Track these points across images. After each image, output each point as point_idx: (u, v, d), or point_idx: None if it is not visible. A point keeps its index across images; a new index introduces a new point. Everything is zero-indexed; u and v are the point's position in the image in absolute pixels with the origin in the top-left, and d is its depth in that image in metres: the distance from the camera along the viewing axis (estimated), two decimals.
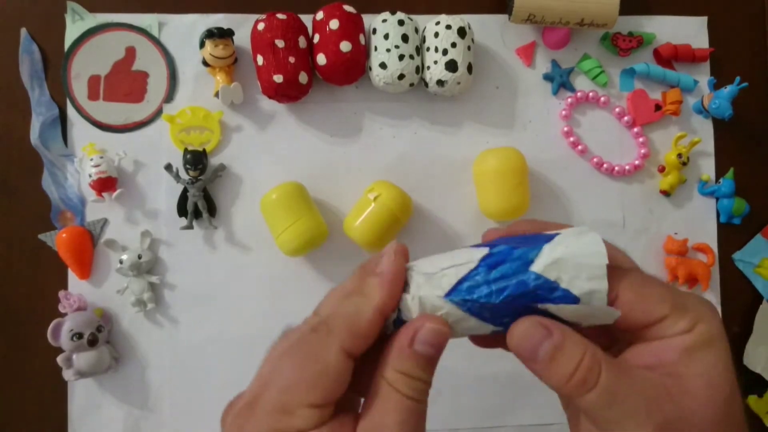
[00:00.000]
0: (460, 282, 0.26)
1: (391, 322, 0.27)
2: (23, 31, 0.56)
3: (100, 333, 0.53)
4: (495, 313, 0.25)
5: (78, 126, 0.56)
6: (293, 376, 0.25)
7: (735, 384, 0.25)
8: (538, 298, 0.25)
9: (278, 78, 0.52)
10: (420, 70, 0.55)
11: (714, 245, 0.60)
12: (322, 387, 0.25)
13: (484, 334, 0.27)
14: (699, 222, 0.60)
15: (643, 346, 0.26)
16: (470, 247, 0.27)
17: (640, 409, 0.24)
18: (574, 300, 0.25)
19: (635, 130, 0.59)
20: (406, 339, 0.26)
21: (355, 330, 0.25)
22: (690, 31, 0.61)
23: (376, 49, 0.54)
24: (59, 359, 0.52)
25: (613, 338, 0.29)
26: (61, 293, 0.54)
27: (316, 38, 0.54)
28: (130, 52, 0.57)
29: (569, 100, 0.59)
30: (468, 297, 0.25)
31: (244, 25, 0.56)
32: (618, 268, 0.26)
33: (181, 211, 0.55)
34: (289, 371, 0.25)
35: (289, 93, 0.54)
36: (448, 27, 0.54)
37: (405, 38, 0.54)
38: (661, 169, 0.59)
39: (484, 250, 0.26)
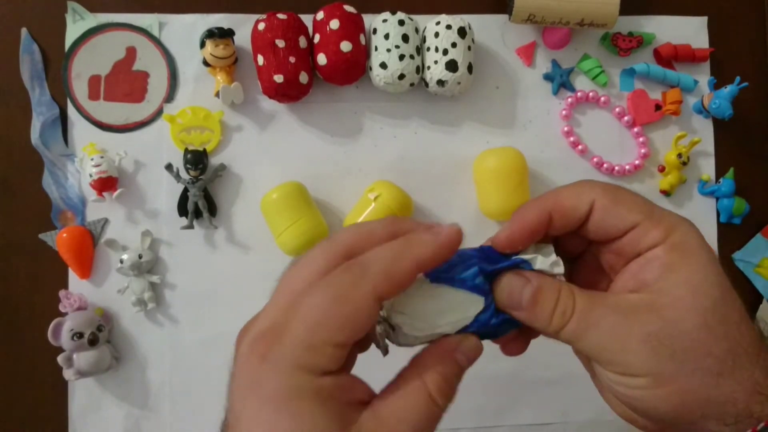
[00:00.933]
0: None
1: (378, 334, 0.28)
2: (24, 31, 0.56)
3: (101, 332, 0.53)
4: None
5: (78, 126, 0.56)
6: (322, 314, 0.24)
7: (725, 286, 0.26)
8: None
9: (279, 78, 0.52)
10: (420, 70, 0.55)
11: (714, 245, 0.60)
12: (350, 329, 0.24)
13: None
14: (699, 222, 0.59)
15: (625, 272, 0.27)
16: (461, 289, 0.27)
17: (618, 327, 0.25)
18: None
19: (635, 130, 0.59)
20: (452, 346, 0.27)
21: (391, 276, 0.25)
22: (690, 31, 0.61)
23: (376, 49, 0.54)
24: (59, 359, 0.52)
25: (599, 265, 0.30)
26: (62, 293, 0.54)
27: (317, 38, 0.54)
28: (131, 52, 0.57)
29: (569, 100, 0.59)
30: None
31: (244, 25, 0.56)
32: (595, 181, 0.29)
33: (182, 210, 0.55)
34: (318, 308, 0.24)
35: (289, 93, 0.54)
36: (449, 27, 0.54)
37: (405, 38, 0.54)
38: (661, 169, 0.59)
39: (479, 304, 0.27)
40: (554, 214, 0.29)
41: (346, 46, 0.52)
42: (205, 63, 0.55)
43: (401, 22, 0.54)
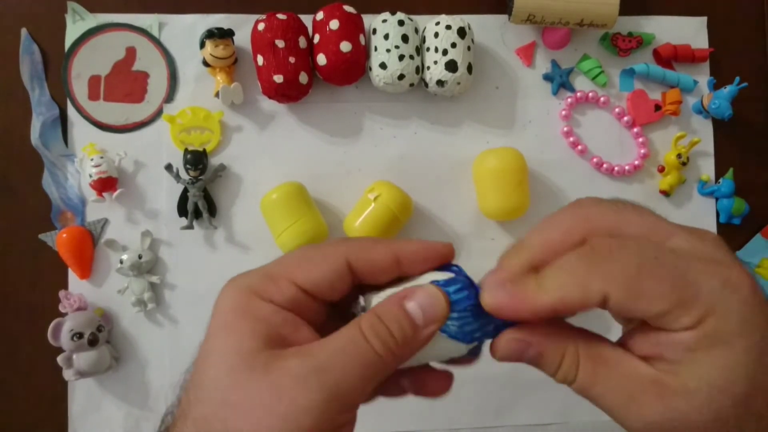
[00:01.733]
0: None
1: (359, 309, 0.27)
2: (23, 31, 0.56)
3: (101, 333, 0.53)
4: (464, 328, 0.25)
5: (78, 126, 0.56)
6: (292, 256, 0.26)
7: (757, 379, 0.21)
8: None
9: (278, 78, 0.52)
10: (420, 70, 0.55)
11: None
12: (312, 272, 0.25)
13: (458, 355, 0.26)
14: (699, 222, 0.60)
15: (646, 334, 0.24)
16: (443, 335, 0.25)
17: (620, 406, 0.23)
18: None
19: (635, 130, 0.59)
20: (401, 294, 0.25)
21: (365, 249, 0.26)
22: (689, 31, 0.61)
23: (376, 49, 0.54)
24: (59, 359, 0.52)
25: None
26: (62, 293, 0.54)
27: (317, 38, 0.54)
28: (131, 53, 0.57)
29: (569, 100, 0.59)
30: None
31: (244, 25, 0.56)
32: (607, 259, 0.23)
33: (182, 211, 0.55)
34: (293, 256, 0.27)
35: (289, 93, 0.54)
36: (448, 27, 0.54)
37: (405, 38, 0.54)
38: (661, 169, 0.59)
39: (462, 349, 0.25)
40: (559, 309, 0.24)
41: (345, 46, 0.52)
42: (205, 63, 0.55)
43: (401, 23, 0.54)
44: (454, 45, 0.53)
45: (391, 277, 0.27)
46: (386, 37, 0.54)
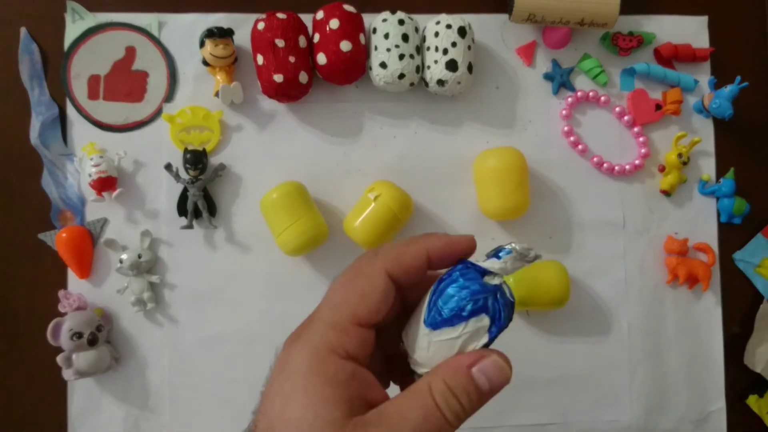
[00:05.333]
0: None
1: (402, 348, 0.29)
2: (23, 31, 0.56)
3: (100, 332, 0.53)
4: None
5: (78, 126, 0.56)
6: (342, 291, 0.27)
7: None
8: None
9: (278, 78, 0.52)
10: (420, 69, 0.55)
11: (714, 245, 0.60)
12: (366, 302, 0.26)
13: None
14: (699, 222, 0.60)
15: None
16: (461, 324, 0.27)
17: None
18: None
19: (635, 129, 0.59)
20: (468, 360, 0.26)
21: (399, 255, 0.27)
22: (690, 30, 0.61)
23: (376, 48, 0.54)
24: (59, 359, 0.52)
25: None
26: (61, 293, 0.54)
27: (316, 38, 0.54)
28: (130, 52, 0.57)
29: (569, 99, 0.59)
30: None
31: (244, 25, 0.56)
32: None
33: (181, 210, 0.55)
34: (339, 287, 0.28)
35: (289, 93, 0.54)
36: (449, 26, 0.53)
37: (405, 38, 0.54)
38: (662, 169, 0.59)
39: (485, 321, 0.27)
40: None
41: (345, 45, 0.52)
42: (205, 63, 0.55)
43: (401, 22, 0.54)
44: (454, 44, 0.53)
45: (423, 275, 0.28)
46: (386, 36, 0.53)
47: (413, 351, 0.28)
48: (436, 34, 0.54)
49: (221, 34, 0.54)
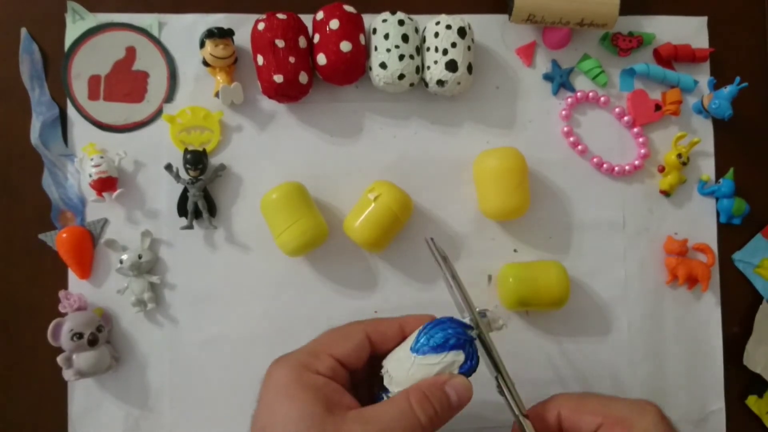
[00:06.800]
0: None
1: (384, 371, 0.35)
2: (23, 31, 0.56)
3: (101, 333, 0.53)
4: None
5: (78, 126, 0.56)
6: (328, 337, 0.35)
7: None
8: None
9: (278, 78, 0.52)
10: (420, 70, 0.55)
11: (714, 245, 0.60)
12: (344, 346, 0.34)
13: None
14: (699, 222, 0.60)
15: None
16: (442, 353, 0.35)
17: None
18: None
19: (635, 130, 0.59)
20: (443, 379, 0.33)
21: (378, 324, 0.35)
22: (690, 31, 0.61)
23: (376, 49, 0.54)
24: (59, 359, 0.52)
25: None
26: (61, 293, 0.54)
27: (317, 38, 0.54)
28: (131, 52, 0.57)
29: (569, 100, 0.59)
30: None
31: (244, 25, 0.56)
32: (561, 393, 0.38)
33: (182, 211, 0.55)
34: (327, 335, 0.35)
35: (289, 93, 0.54)
36: (448, 27, 0.54)
37: (405, 38, 0.54)
38: (661, 169, 0.59)
39: (460, 357, 0.35)
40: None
41: (345, 46, 0.52)
42: (205, 63, 0.55)
43: (401, 22, 0.54)
44: (454, 45, 0.53)
45: (397, 342, 0.36)
46: (386, 36, 0.54)
47: (396, 371, 0.34)
48: (436, 35, 0.54)
49: (221, 35, 0.54)
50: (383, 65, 0.53)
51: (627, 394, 0.58)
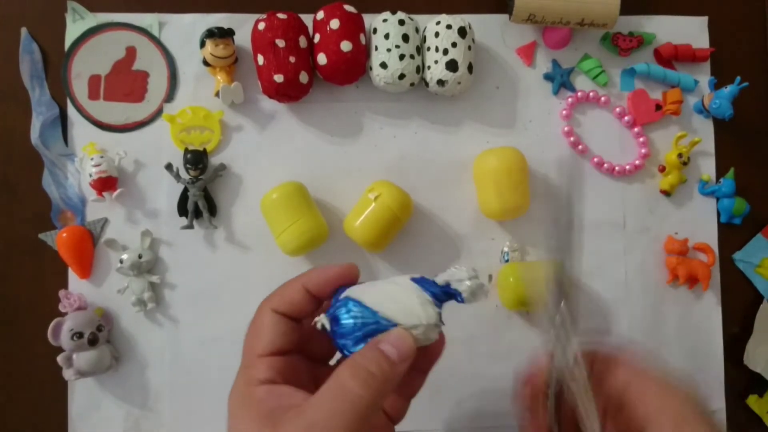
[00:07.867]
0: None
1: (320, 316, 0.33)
2: (23, 31, 0.56)
3: (101, 332, 0.53)
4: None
5: (78, 125, 0.56)
6: (246, 338, 0.34)
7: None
8: None
9: (279, 78, 0.52)
10: (420, 69, 0.55)
11: (714, 245, 0.60)
12: (259, 338, 0.33)
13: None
14: (699, 222, 0.60)
15: None
16: (427, 292, 0.33)
17: None
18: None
19: (635, 129, 0.59)
20: (377, 338, 0.30)
21: (282, 295, 0.34)
22: (690, 31, 0.61)
23: (376, 48, 0.54)
24: (59, 359, 0.52)
25: None
26: (62, 292, 0.54)
27: (317, 38, 0.54)
28: (131, 52, 0.57)
29: (570, 99, 0.59)
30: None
31: (244, 25, 0.56)
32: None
33: (182, 210, 0.55)
34: (246, 337, 0.34)
35: (289, 93, 0.54)
36: (449, 27, 0.54)
37: (405, 38, 0.54)
38: (662, 169, 0.59)
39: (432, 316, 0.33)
40: None
41: (346, 45, 0.52)
42: (205, 63, 0.55)
43: (401, 22, 0.54)
44: (454, 44, 0.53)
45: (315, 304, 0.34)
46: (387, 36, 0.53)
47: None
48: (437, 35, 0.54)
49: (221, 35, 0.54)
50: (384, 65, 0.53)
51: None
